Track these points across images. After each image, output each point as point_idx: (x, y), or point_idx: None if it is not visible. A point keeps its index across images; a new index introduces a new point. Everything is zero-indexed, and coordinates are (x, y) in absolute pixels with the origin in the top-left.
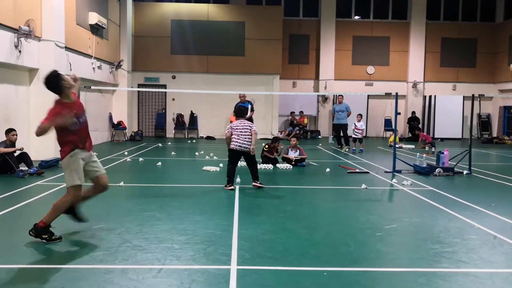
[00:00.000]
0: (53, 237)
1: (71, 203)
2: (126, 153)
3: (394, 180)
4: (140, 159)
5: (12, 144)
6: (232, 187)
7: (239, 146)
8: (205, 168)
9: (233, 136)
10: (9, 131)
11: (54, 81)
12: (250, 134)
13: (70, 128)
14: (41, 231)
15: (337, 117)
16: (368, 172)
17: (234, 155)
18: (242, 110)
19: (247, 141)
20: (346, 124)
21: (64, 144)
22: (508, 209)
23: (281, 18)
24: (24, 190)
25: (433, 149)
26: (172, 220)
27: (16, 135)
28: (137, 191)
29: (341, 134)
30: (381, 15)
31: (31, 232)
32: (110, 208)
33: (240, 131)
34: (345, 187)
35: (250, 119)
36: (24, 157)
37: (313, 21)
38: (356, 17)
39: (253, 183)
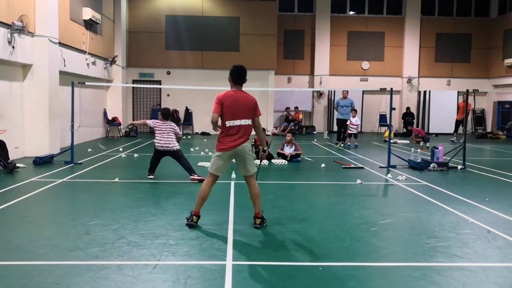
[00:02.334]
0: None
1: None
2: (121, 149)
3: (389, 175)
4: (135, 155)
5: None
6: (151, 176)
7: (160, 146)
8: (200, 164)
9: (156, 135)
10: None
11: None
12: (172, 134)
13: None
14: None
15: (341, 112)
16: (363, 167)
17: (159, 153)
18: (166, 113)
19: (170, 140)
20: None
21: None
22: (502, 204)
23: (276, 13)
24: (19, 187)
25: (427, 144)
26: (167, 216)
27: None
28: (132, 187)
29: (342, 130)
30: (376, 10)
31: (262, 225)
32: (105, 204)
33: (163, 132)
34: (340, 183)
35: None
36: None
37: (308, 17)
38: (351, 13)
39: (191, 177)
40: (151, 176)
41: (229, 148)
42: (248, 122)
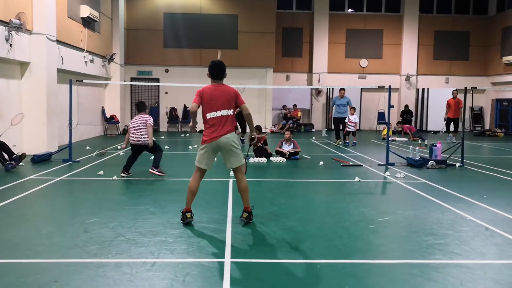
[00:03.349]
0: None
1: None
2: (119, 147)
3: (387, 172)
4: None
5: None
6: (124, 174)
7: (132, 140)
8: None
9: (130, 132)
10: None
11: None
12: (143, 129)
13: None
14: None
15: (338, 111)
16: (362, 165)
17: (133, 149)
18: (139, 105)
19: (141, 135)
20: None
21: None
22: (500, 201)
23: (274, 11)
24: (17, 185)
25: (425, 142)
26: (165, 214)
27: None
28: (130, 185)
29: (341, 128)
30: (374, 8)
31: (248, 220)
32: (103, 202)
33: (134, 127)
34: (338, 180)
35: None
36: (4, 148)
37: (306, 14)
38: (350, 10)
39: (150, 169)
40: (123, 175)
41: (211, 139)
42: (230, 112)
